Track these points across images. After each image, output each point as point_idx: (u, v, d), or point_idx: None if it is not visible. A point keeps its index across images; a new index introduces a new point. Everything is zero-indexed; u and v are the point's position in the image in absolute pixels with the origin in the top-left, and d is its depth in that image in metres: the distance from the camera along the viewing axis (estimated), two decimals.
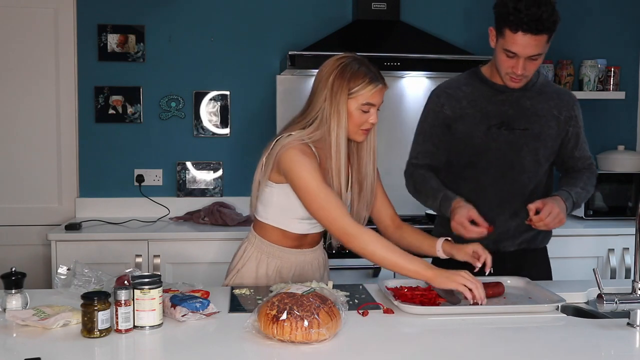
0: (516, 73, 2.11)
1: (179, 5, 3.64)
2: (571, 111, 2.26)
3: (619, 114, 3.91)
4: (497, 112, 2.22)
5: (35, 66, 3.56)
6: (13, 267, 1.80)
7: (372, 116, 2.00)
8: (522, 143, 2.21)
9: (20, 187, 3.59)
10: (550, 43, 2.13)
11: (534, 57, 2.09)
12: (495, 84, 2.23)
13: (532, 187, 2.25)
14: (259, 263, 2.15)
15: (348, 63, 1.99)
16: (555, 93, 2.27)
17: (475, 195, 2.23)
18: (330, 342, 1.58)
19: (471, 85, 2.27)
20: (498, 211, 2.22)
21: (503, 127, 2.21)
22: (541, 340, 1.64)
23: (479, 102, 2.24)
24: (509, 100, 2.22)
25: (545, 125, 2.22)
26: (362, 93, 1.96)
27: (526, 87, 2.22)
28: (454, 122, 2.25)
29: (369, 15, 3.53)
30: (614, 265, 3.36)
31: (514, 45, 2.06)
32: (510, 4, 2.05)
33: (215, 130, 3.69)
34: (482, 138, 2.22)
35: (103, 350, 1.57)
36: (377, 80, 1.98)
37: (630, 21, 3.90)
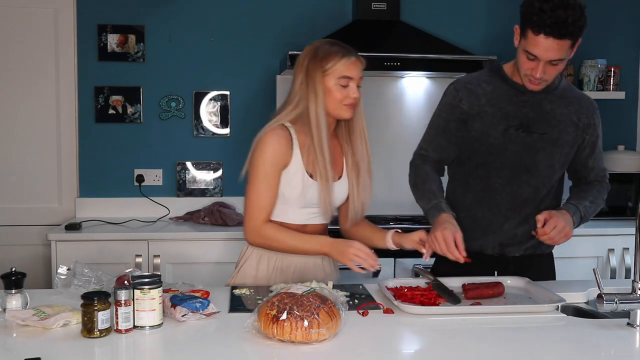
0: (535, 76, 2.05)
1: (179, 5, 3.64)
2: (590, 119, 2.20)
3: (619, 114, 3.91)
4: (516, 113, 2.16)
5: (35, 66, 3.56)
6: (13, 267, 1.80)
7: (352, 90, 2.04)
8: (539, 147, 2.16)
9: (20, 187, 3.59)
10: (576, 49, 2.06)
11: (554, 62, 2.02)
12: (516, 84, 2.17)
13: (544, 193, 2.21)
14: (259, 260, 2.15)
15: (320, 45, 2.08)
16: (576, 99, 2.21)
17: (485, 197, 2.20)
18: (330, 342, 1.58)
19: (492, 83, 2.20)
20: (507, 215, 2.17)
21: (521, 129, 2.15)
22: (541, 340, 1.64)
23: (498, 101, 2.17)
24: (530, 102, 2.16)
25: (564, 130, 2.16)
26: (336, 68, 2.03)
27: (548, 89, 2.17)
28: (471, 118, 2.18)
29: (369, 15, 3.53)
30: (614, 265, 3.36)
31: (535, 48, 1.99)
32: (537, 4, 1.96)
33: (215, 130, 3.69)
34: (499, 138, 2.16)
35: (103, 350, 1.57)
36: (349, 54, 2.05)
37: (630, 21, 3.91)
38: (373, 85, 3.73)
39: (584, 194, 2.21)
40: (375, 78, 3.70)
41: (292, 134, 2.06)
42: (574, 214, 2.11)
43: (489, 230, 2.21)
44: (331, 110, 2.06)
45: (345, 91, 2.04)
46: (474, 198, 2.22)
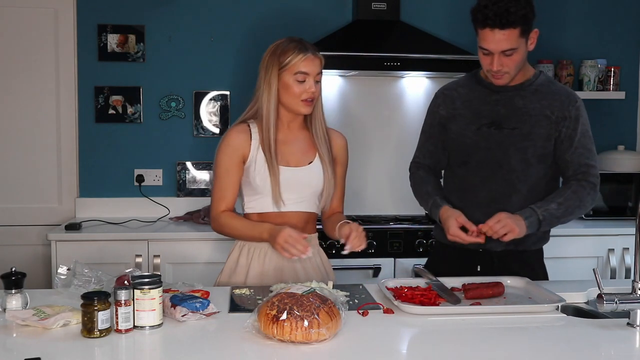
0: (493, 69, 2.13)
1: (179, 5, 3.64)
2: (565, 111, 2.20)
3: (619, 114, 3.91)
4: (489, 112, 2.23)
5: (35, 66, 3.56)
6: (13, 267, 1.80)
7: (308, 85, 2.11)
8: (510, 142, 2.20)
9: (20, 187, 3.59)
10: (531, 39, 2.12)
11: (507, 53, 2.09)
12: (490, 84, 2.24)
13: (524, 189, 2.22)
14: (240, 250, 2.22)
15: (280, 43, 2.16)
16: (552, 93, 2.23)
17: (465, 194, 2.26)
18: (330, 342, 1.58)
19: (467, 87, 2.30)
20: (487, 212, 2.19)
21: (493, 127, 2.21)
22: (541, 340, 1.65)
23: (472, 103, 2.26)
24: (502, 100, 2.23)
25: (536, 124, 2.19)
26: (293, 63, 2.11)
27: (521, 86, 2.22)
28: (448, 122, 2.29)
29: (369, 15, 3.53)
30: (614, 265, 3.36)
31: (485, 42, 2.10)
32: (481, 2, 2.08)
33: (215, 130, 3.69)
34: (472, 137, 2.23)
35: (103, 350, 1.57)
36: (305, 50, 2.12)
37: (630, 21, 3.90)
38: (373, 85, 3.73)
39: (554, 196, 2.19)
40: (375, 78, 3.70)
41: (251, 130, 2.18)
42: (527, 217, 2.11)
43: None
44: (289, 106, 2.15)
45: (302, 86, 2.12)
46: (456, 197, 2.29)
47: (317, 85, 2.14)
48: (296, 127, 2.22)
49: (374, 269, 3.23)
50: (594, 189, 2.20)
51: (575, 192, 2.18)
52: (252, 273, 2.19)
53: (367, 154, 3.71)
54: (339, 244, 2.16)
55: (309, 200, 2.20)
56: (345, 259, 3.18)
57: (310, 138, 2.23)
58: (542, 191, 2.24)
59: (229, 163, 2.17)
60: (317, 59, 2.14)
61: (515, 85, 2.22)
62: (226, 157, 2.17)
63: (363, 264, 3.23)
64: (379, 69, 3.39)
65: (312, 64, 2.12)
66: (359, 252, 2.14)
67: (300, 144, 2.21)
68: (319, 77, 2.16)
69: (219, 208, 2.20)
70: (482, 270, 2.24)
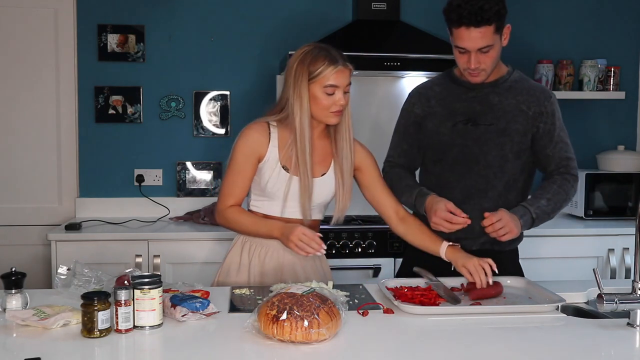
0: (470, 68, 2.13)
1: (179, 5, 3.64)
2: (541, 107, 2.21)
3: (619, 114, 3.91)
4: (464, 109, 2.24)
5: (35, 66, 3.56)
6: (13, 267, 1.80)
7: (338, 98, 2.06)
8: (486, 138, 2.20)
9: (20, 187, 3.59)
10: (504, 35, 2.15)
11: (484, 50, 2.10)
12: (464, 82, 2.25)
13: (500, 185, 2.22)
14: (242, 249, 2.21)
15: (309, 50, 2.09)
16: (527, 89, 2.24)
17: (441, 192, 2.24)
18: (330, 342, 1.58)
19: (442, 85, 2.31)
20: (462, 208, 2.19)
21: (469, 123, 2.22)
22: (541, 340, 1.65)
23: (447, 101, 2.27)
24: (478, 96, 2.23)
25: (512, 120, 2.20)
26: (323, 75, 2.05)
27: (496, 83, 2.23)
28: (423, 120, 2.30)
29: (369, 15, 3.53)
30: (614, 265, 3.36)
31: (462, 41, 2.10)
32: (454, 2, 2.10)
33: (215, 130, 3.69)
34: (447, 134, 2.24)
35: (103, 350, 1.57)
36: (336, 62, 2.06)
37: (630, 21, 3.90)
38: (373, 85, 3.73)
39: (542, 191, 2.20)
40: (375, 78, 3.70)
41: (271, 130, 2.13)
42: (522, 216, 2.12)
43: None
44: (317, 117, 2.11)
45: (331, 99, 2.07)
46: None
47: (346, 96, 2.09)
48: (316, 135, 2.17)
49: (374, 269, 3.22)
50: (576, 181, 2.25)
51: (561, 187, 2.20)
52: (251, 272, 2.19)
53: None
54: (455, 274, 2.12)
55: (315, 209, 2.18)
56: (345, 259, 3.19)
57: (328, 147, 2.19)
58: (517, 187, 2.25)
59: (243, 161, 2.12)
60: (347, 69, 2.08)
61: (489, 82, 2.23)
62: (242, 155, 2.12)
63: (363, 264, 3.23)
64: (379, 69, 3.39)
65: (342, 76, 2.06)
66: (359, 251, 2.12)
67: (317, 153, 2.16)
68: (348, 88, 2.10)
69: (226, 203, 2.16)
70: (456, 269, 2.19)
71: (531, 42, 3.81)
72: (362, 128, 3.73)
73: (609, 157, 3.70)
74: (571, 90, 3.72)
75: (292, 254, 2.17)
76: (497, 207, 2.18)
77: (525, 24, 3.82)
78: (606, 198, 3.57)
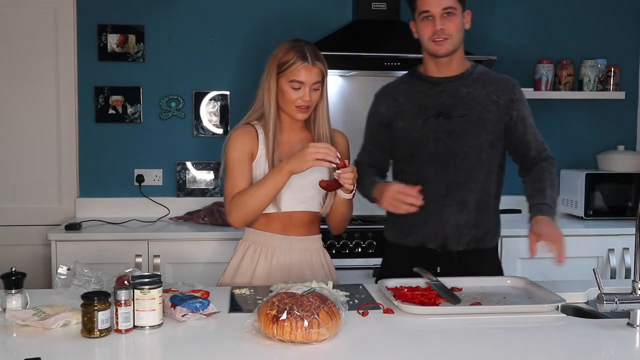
0: (436, 31, 2.16)
1: (179, 5, 3.64)
2: (511, 94, 2.23)
3: (619, 114, 3.91)
4: (434, 104, 2.23)
5: (35, 66, 3.56)
6: (13, 267, 1.80)
7: (303, 93, 2.11)
8: (461, 129, 2.20)
9: (20, 187, 3.59)
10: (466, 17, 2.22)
11: (447, 12, 2.15)
12: (430, 77, 2.26)
13: (478, 176, 2.21)
14: (245, 252, 2.22)
15: (284, 45, 2.17)
16: (494, 79, 2.26)
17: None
18: (330, 342, 1.58)
19: (408, 83, 2.32)
20: (444, 203, 2.21)
21: (441, 117, 2.22)
22: (541, 340, 1.65)
23: (415, 97, 2.26)
24: (446, 90, 2.24)
25: (485, 110, 2.21)
26: (289, 70, 2.11)
27: (462, 76, 2.24)
28: (392, 120, 2.29)
29: (369, 15, 3.53)
30: (614, 265, 3.36)
31: (426, 5, 2.16)
32: None
33: (215, 130, 3.69)
34: (420, 130, 2.23)
35: (103, 350, 1.57)
36: (304, 59, 2.11)
37: (630, 21, 3.90)
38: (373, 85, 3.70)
39: (542, 183, 2.19)
40: (375, 78, 3.69)
41: (257, 129, 2.19)
42: (552, 214, 2.12)
43: (429, 221, 2.22)
44: (284, 110, 2.17)
45: (297, 94, 2.12)
46: None
47: (314, 94, 2.13)
48: (298, 128, 2.23)
49: (374, 269, 3.22)
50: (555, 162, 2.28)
51: (551, 173, 2.23)
52: (257, 274, 2.18)
53: None
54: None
55: (312, 200, 2.20)
56: (345, 259, 3.18)
57: (312, 139, 2.23)
58: (495, 179, 2.26)
59: (239, 157, 2.15)
60: (316, 68, 2.12)
61: (456, 75, 2.24)
62: (237, 151, 2.16)
63: (363, 264, 3.23)
64: (379, 69, 3.39)
65: (308, 74, 2.11)
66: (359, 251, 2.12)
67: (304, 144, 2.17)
68: (317, 86, 2.14)
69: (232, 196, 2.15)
70: (442, 271, 2.20)
71: (531, 42, 3.82)
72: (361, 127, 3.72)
73: (609, 157, 3.70)
74: (571, 90, 3.72)
75: (300, 254, 2.19)
76: (479, 199, 2.21)
77: (525, 23, 3.82)
78: (606, 198, 3.57)
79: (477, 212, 2.21)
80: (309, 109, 2.15)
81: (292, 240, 2.20)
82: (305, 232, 2.23)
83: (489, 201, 2.25)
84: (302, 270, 2.19)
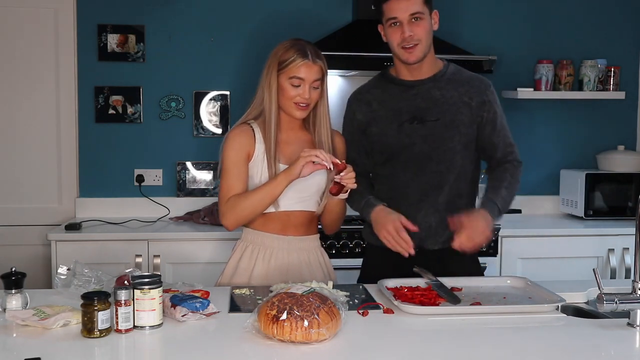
0: (405, 38, 2.14)
1: (179, 5, 3.63)
2: (483, 96, 2.23)
3: (619, 114, 3.91)
4: (408, 108, 2.23)
5: (35, 66, 3.56)
6: (13, 267, 1.80)
7: (302, 91, 2.12)
8: (435, 133, 2.20)
9: (20, 187, 3.58)
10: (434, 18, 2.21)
11: (415, 17, 2.13)
12: (403, 81, 2.26)
13: (452, 177, 2.22)
14: (243, 252, 2.21)
15: (285, 43, 2.18)
16: (466, 80, 2.26)
17: (395, 193, 2.25)
18: (330, 342, 1.58)
19: (381, 87, 2.31)
20: (419, 207, 2.21)
21: (415, 121, 2.21)
22: (541, 340, 1.65)
23: (389, 102, 2.26)
24: (420, 93, 2.23)
25: (457, 112, 2.21)
26: (290, 67, 2.12)
27: (435, 77, 2.24)
28: (367, 125, 2.28)
29: (369, 15, 3.51)
30: (614, 265, 3.36)
31: (393, 11, 2.14)
32: None
33: (215, 130, 3.69)
34: (395, 136, 2.23)
35: (103, 350, 1.57)
36: (305, 56, 2.12)
37: (630, 21, 3.90)
38: None
39: (498, 182, 2.22)
40: None
41: (254, 128, 2.18)
42: (491, 210, 2.13)
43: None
44: (283, 107, 2.17)
45: (296, 91, 2.13)
46: (385, 196, 2.26)
47: (313, 92, 2.14)
48: (296, 127, 2.23)
49: None
50: (521, 167, 2.28)
51: (513, 175, 2.24)
52: (255, 274, 2.18)
53: None
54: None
55: (310, 200, 2.20)
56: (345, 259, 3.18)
57: (309, 139, 2.23)
58: (467, 178, 2.27)
59: (236, 157, 2.15)
60: (316, 66, 2.13)
61: (429, 78, 2.24)
62: (233, 152, 2.16)
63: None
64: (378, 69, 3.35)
65: (309, 71, 2.12)
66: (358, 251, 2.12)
67: (302, 144, 2.20)
68: (317, 84, 2.15)
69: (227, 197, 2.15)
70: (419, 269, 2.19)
71: (531, 42, 3.81)
72: None
73: (609, 157, 3.70)
74: (571, 90, 3.72)
75: (298, 254, 2.19)
76: (450, 200, 2.21)
77: (525, 23, 3.82)
78: (606, 198, 3.57)
79: (449, 213, 2.17)
80: (308, 107, 2.15)
81: (290, 240, 2.20)
82: (304, 232, 2.23)
83: (460, 200, 2.24)
84: (301, 270, 2.19)
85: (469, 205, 2.28)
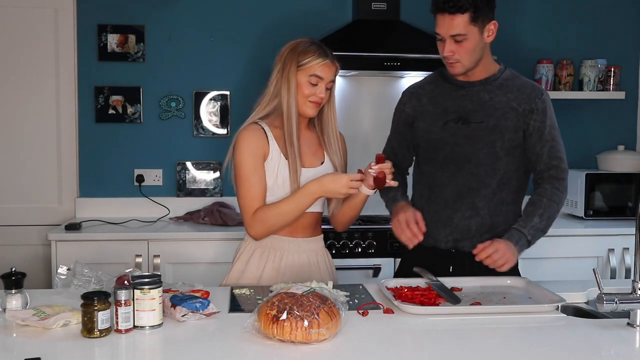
0: (444, 55, 2.16)
1: (179, 5, 3.64)
2: (532, 104, 2.20)
3: (619, 114, 3.91)
4: (455, 107, 2.24)
5: (35, 66, 3.56)
6: (13, 267, 1.80)
7: (319, 89, 2.13)
8: (477, 136, 2.20)
9: (20, 187, 3.59)
10: (488, 31, 2.15)
11: (457, 39, 2.11)
12: (456, 80, 2.26)
13: (493, 182, 2.21)
14: (251, 255, 2.19)
15: (301, 42, 2.18)
16: (517, 86, 2.24)
17: (433, 192, 2.26)
18: (330, 342, 1.58)
19: (434, 84, 2.32)
20: (455, 207, 2.21)
21: (460, 122, 2.22)
22: (541, 340, 1.65)
23: (439, 99, 2.27)
24: (468, 94, 2.24)
25: (502, 117, 2.19)
26: (310, 65, 2.12)
27: (487, 81, 2.23)
28: (415, 119, 2.31)
29: (369, 15, 3.53)
30: (614, 265, 3.36)
31: (437, 27, 2.15)
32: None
33: (215, 130, 3.69)
34: (439, 133, 2.24)
35: (103, 350, 1.57)
36: (325, 56, 2.15)
37: (630, 21, 3.90)
38: (373, 85, 3.73)
39: (533, 207, 2.18)
40: (375, 78, 3.70)
41: (264, 128, 2.15)
42: (517, 242, 2.10)
43: (440, 223, 2.23)
44: (297, 105, 2.15)
45: (313, 89, 2.13)
46: (423, 194, 2.30)
47: (327, 92, 2.16)
48: (303, 126, 2.22)
49: (374, 269, 3.22)
50: (566, 187, 2.22)
51: (551, 199, 2.18)
52: (266, 277, 2.17)
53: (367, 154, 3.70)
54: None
55: (318, 201, 2.18)
56: (345, 259, 3.18)
57: (316, 139, 2.23)
58: (512, 185, 2.24)
59: (254, 162, 2.11)
60: (334, 66, 2.16)
61: (480, 80, 2.23)
62: (250, 156, 2.11)
63: (363, 264, 3.23)
64: (379, 69, 3.39)
65: (328, 71, 2.14)
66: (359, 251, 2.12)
67: (309, 144, 2.21)
68: (331, 85, 2.16)
69: (253, 208, 2.12)
70: (454, 270, 2.21)
71: (531, 42, 3.82)
72: (361, 127, 3.73)
73: (609, 157, 3.70)
74: (571, 90, 3.72)
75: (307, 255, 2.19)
76: (491, 205, 2.20)
77: (525, 23, 3.82)
78: (606, 198, 3.58)
79: (492, 218, 2.20)
80: (319, 106, 2.17)
81: (300, 242, 2.20)
82: (311, 233, 2.23)
83: (504, 207, 2.22)
84: (310, 271, 2.19)
85: (515, 214, 2.25)
